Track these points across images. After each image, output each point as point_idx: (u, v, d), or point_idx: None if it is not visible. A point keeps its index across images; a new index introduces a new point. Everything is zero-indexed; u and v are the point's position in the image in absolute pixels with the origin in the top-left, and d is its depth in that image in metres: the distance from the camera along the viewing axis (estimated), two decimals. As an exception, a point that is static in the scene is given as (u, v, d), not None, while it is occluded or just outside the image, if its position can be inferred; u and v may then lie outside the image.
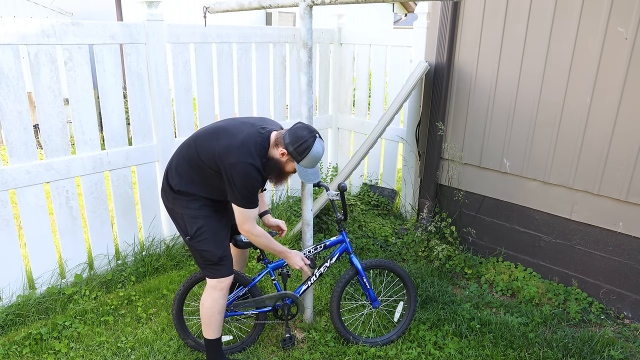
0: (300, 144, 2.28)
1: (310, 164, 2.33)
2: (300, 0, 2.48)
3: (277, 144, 2.33)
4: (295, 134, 2.29)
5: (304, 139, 2.28)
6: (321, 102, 4.80)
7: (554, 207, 3.43)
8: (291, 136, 2.29)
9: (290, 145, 2.28)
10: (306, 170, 2.36)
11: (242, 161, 2.23)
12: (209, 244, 2.45)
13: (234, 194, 2.29)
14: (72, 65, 3.07)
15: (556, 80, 3.23)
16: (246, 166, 2.23)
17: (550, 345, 2.85)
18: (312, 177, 2.40)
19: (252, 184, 2.27)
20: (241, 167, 2.23)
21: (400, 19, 21.54)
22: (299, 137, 2.28)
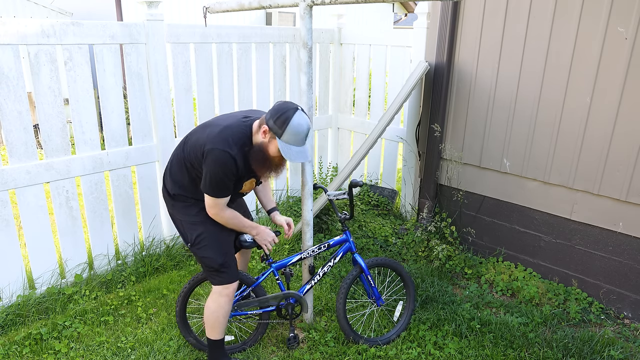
0: (279, 116, 2.17)
1: (293, 138, 2.19)
2: (300, 0, 2.48)
3: (260, 124, 2.24)
4: (275, 109, 2.21)
5: (282, 110, 2.18)
6: (321, 102, 4.80)
7: (554, 207, 3.43)
8: (271, 111, 2.21)
9: (270, 120, 2.18)
10: (289, 147, 2.20)
11: (218, 148, 2.16)
12: (209, 250, 2.42)
13: (204, 181, 2.23)
14: (72, 65, 3.07)
15: (556, 80, 3.23)
16: (220, 153, 2.16)
17: (550, 345, 2.85)
18: (296, 155, 2.22)
19: (225, 172, 2.19)
20: (216, 154, 2.16)
21: (400, 19, 21.54)
22: (278, 110, 2.18)
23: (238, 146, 2.20)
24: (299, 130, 2.18)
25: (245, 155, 2.24)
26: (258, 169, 2.29)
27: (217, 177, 2.20)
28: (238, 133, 2.23)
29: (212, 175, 2.20)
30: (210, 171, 2.19)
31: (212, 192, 2.25)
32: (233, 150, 2.18)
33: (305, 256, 2.81)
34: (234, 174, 2.23)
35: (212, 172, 2.19)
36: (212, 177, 2.20)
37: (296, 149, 2.22)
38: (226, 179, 2.22)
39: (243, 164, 2.24)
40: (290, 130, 2.17)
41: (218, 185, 2.23)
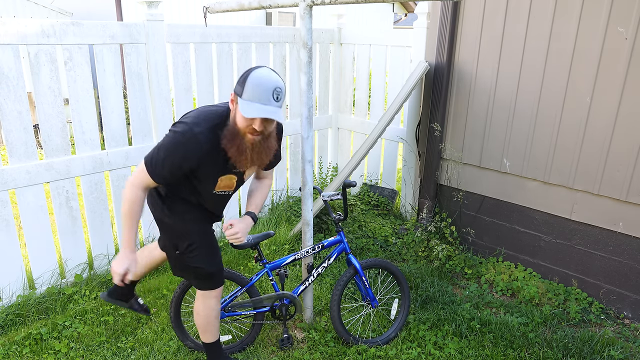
0: (241, 76, 1.88)
1: (254, 93, 1.80)
2: (300, 0, 2.48)
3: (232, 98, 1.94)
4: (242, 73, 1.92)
5: (246, 70, 1.89)
6: (321, 102, 4.80)
7: (554, 207, 3.43)
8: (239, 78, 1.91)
9: (237, 84, 1.89)
10: (250, 104, 1.81)
11: (182, 122, 1.90)
12: (201, 260, 2.23)
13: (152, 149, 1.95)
14: (72, 65, 3.07)
15: (556, 80, 3.23)
16: (183, 127, 1.87)
17: (550, 345, 2.85)
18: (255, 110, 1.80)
19: (178, 150, 1.86)
20: (177, 128, 1.89)
21: (400, 19, 21.54)
22: (243, 73, 1.90)
23: (208, 126, 1.87)
24: (260, 81, 1.79)
25: (217, 139, 1.90)
26: (229, 148, 1.91)
27: (166, 151, 1.87)
28: (212, 113, 1.92)
29: (162, 146, 1.88)
30: (164, 142, 1.89)
31: (148, 159, 1.91)
32: (198, 128, 1.83)
33: (300, 257, 2.81)
34: (190, 159, 1.87)
35: (165, 143, 1.88)
36: (161, 147, 1.88)
37: (259, 106, 1.80)
38: (176, 160, 1.87)
39: (210, 148, 1.89)
40: (250, 83, 1.80)
41: (160, 159, 1.88)
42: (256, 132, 1.87)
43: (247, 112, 1.79)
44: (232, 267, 3.66)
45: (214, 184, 2.03)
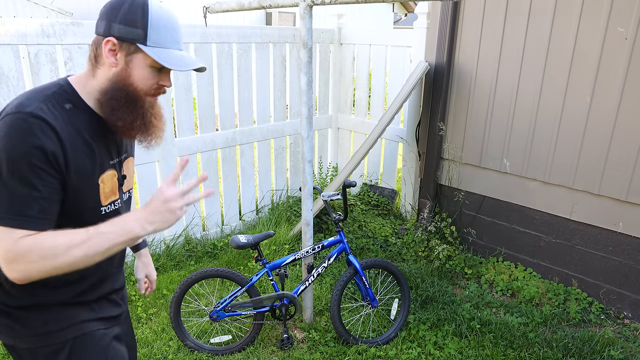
0: (124, 13, 1.20)
1: (166, 35, 1.24)
2: (300, 0, 2.48)
3: (96, 54, 1.24)
4: (106, 7, 1.23)
5: (123, 3, 1.21)
6: (321, 102, 4.80)
7: (554, 207, 3.43)
8: (105, 15, 1.23)
9: (113, 25, 1.21)
10: (167, 52, 1.25)
11: (14, 112, 1.13)
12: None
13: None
14: (72, 65, 3.07)
15: (556, 80, 3.23)
16: (17, 117, 1.12)
17: (550, 345, 2.85)
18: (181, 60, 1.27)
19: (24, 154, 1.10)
20: (7, 122, 1.12)
21: (400, 19, 21.54)
22: (115, 4, 1.22)
23: (49, 103, 1.18)
24: (168, 19, 1.25)
25: (71, 118, 1.20)
26: (126, 119, 1.25)
27: (8, 165, 1.10)
28: (44, 89, 1.22)
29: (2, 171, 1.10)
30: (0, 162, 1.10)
31: (2, 213, 1.11)
32: (30, 106, 1.14)
33: (300, 257, 2.82)
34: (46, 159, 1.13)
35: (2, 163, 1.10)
36: (3, 174, 1.10)
37: (180, 53, 1.28)
38: (29, 170, 1.11)
39: (65, 129, 1.18)
40: (156, 21, 1.22)
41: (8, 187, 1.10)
42: (161, 91, 1.32)
43: (174, 64, 1.24)
44: (232, 267, 3.66)
45: (96, 191, 1.28)
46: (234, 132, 4.02)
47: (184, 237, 3.85)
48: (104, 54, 1.22)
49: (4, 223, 1.10)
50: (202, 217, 4.02)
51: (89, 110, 1.26)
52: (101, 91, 1.25)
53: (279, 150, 4.46)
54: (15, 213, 1.10)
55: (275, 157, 4.46)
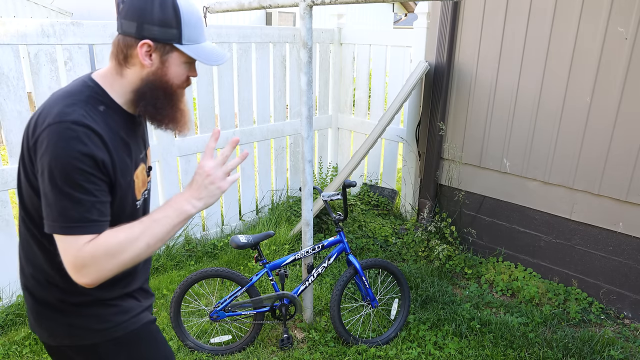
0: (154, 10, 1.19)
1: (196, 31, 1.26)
2: (300, 0, 2.48)
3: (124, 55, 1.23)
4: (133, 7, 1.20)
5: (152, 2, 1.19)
6: (321, 102, 4.80)
7: (554, 207, 3.43)
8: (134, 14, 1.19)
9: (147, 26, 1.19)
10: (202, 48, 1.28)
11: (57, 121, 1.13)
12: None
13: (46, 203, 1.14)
14: (72, 65, 3.07)
15: (556, 79, 3.23)
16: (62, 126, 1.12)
17: (550, 345, 2.85)
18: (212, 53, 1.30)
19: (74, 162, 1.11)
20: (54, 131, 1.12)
21: (400, 19, 21.54)
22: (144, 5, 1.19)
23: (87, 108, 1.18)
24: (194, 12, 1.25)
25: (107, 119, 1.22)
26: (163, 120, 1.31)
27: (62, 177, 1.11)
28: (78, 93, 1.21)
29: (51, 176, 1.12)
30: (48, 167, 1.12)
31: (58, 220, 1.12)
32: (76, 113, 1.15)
33: (300, 257, 2.82)
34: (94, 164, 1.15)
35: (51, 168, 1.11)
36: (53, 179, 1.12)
37: (211, 46, 1.30)
38: (81, 177, 1.13)
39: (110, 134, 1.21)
40: (187, 20, 1.23)
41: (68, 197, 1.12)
42: (190, 82, 1.36)
43: (209, 58, 1.28)
44: (232, 267, 3.66)
45: (133, 186, 1.31)
46: (233, 132, 4.02)
47: (184, 237, 3.86)
48: (140, 56, 1.22)
49: (70, 232, 1.12)
50: (202, 217, 4.02)
51: (120, 109, 1.27)
52: (135, 91, 1.26)
53: (279, 150, 4.46)
54: (79, 220, 1.13)
55: (275, 157, 4.46)
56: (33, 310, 1.32)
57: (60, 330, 1.30)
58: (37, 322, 1.32)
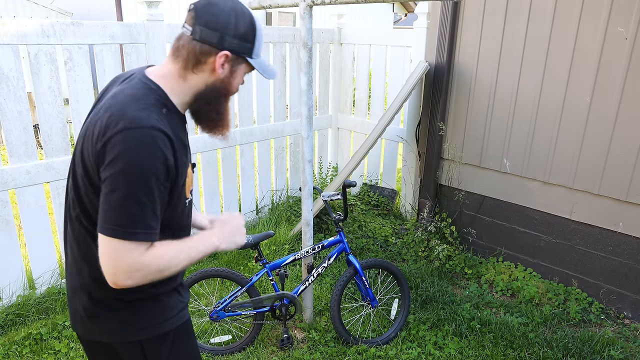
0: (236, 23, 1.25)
1: (261, 46, 1.33)
2: (300, 0, 2.48)
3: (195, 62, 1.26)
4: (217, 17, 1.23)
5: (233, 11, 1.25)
6: (321, 102, 4.80)
7: (554, 207, 3.43)
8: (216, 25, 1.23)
9: (228, 38, 1.24)
10: (264, 64, 1.37)
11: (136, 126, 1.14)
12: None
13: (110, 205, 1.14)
14: (72, 65, 3.07)
15: (556, 80, 3.23)
16: (143, 132, 1.14)
17: (550, 345, 2.85)
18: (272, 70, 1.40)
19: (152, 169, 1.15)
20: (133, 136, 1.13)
21: (400, 19, 21.54)
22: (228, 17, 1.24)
23: (156, 112, 1.20)
24: (262, 30, 1.33)
25: (170, 122, 1.24)
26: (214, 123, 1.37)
27: (137, 182, 1.13)
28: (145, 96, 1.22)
29: (123, 180, 1.13)
30: (121, 171, 1.13)
31: (124, 224, 1.14)
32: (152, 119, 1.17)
33: (300, 257, 2.82)
34: (167, 171, 1.19)
35: (124, 171, 1.13)
36: (126, 184, 1.13)
37: (265, 60, 1.38)
38: (155, 184, 1.16)
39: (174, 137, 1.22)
40: (259, 36, 1.31)
41: (139, 202, 1.14)
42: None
43: (269, 72, 1.37)
44: (232, 267, 3.66)
45: (184, 185, 1.33)
46: (233, 132, 4.02)
47: (184, 237, 3.85)
48: (216, 65, 1.26)
49: (133, 238, 1.14)
50: (202, 217, 4.02)
51: (176, 111, 1.29)
52: (197, 95, 1.30)
53: (279, 150, 4.46)
54: (143, 227, 1.16)
55: (275, 157, 4.46)
56: (86, 309, 1.34)
57: (112, 327, 1.33)
58: (89, 321, 1.35)
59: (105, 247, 1.15)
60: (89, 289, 1.32)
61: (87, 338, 1.39)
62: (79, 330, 1.40)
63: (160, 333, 1.38)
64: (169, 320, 1.39)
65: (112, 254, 1.15)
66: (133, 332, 1.35)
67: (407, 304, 3.01)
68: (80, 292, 1.35)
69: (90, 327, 1.36)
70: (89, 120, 1.24)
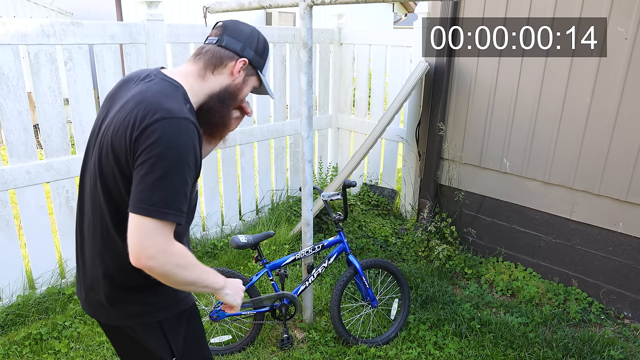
0: (257, 41, 1.49)
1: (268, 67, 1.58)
2: (300, 0, 2.48)
3: (217, 63, 1.42)
4: (242, 32, 1.46)
5: (256, 32, 1.49)
6: (321, 102, 4.80)
7: (554, 207, 3.43)
8: (240, 37, 1.45)
9: (248, 49, 1.45)
10: (268, 81, 1.58)
11: (173, 116, 1.24)
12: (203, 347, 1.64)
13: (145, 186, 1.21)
14: (72, 65, 3.07)
15: (556, 79, 3.23)
16: (180, 122, 1.25)
17: (550, 345, 2.85)
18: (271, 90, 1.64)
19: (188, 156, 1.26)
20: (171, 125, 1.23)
21: (400, 19, 21.53)
22: (251, 34, 1.48)
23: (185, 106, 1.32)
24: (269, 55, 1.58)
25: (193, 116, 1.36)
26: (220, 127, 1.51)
27: (175, 166, 1.23)
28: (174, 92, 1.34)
29: (162, 163, 1.21)
30: (160, 155, 1.21)
31: (159, 204, 1.21)
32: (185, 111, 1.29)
33: (300, 257, 2.82)
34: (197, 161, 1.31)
35: (163, 156, 1.21)
36: (165, 166, 1.21)
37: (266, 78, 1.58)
38: (188, 171, 1.27)
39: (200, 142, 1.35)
40: (268, 57, 1.55)
41: (174, 185, 1.23)
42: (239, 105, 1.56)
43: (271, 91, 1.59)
44: (232, 267, 3.66)
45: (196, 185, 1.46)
46: (233, 132, 4.01)
47: (184, 237, 3.85)
48: (235, 69, 1.44)
49: (166, 217, 1.22)
50: (202, 217, 4.02)
51: (193, 108, 1.39)
52: (212, 96, 1.44)
53: (279, 150, 4.46)
54: (177, 210, 1.24)
55: (275, 157, 4.46)
56: (108, 297, 1.41)
57: (135, 310, 1.43)
58: (111, 307, 1.42)
59: (136, 225, 1.21)
60: (114, 276, 1.39)
61: (109, 324, 1.48)
62: (101, 317, 1.48)
63: (177, 312, 1.49)
64: (183, 300, 1.50)
65: (142, 232, 1.21)
66: (154, 313, 1.44)
67: (407, 304, 3.01)
68: (102, 281, 1.40)
69: (113, 313, 1.44)
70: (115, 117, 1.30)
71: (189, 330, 1.54)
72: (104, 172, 1.32)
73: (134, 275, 1.31)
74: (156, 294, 1.44)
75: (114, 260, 1.38)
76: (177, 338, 1.50)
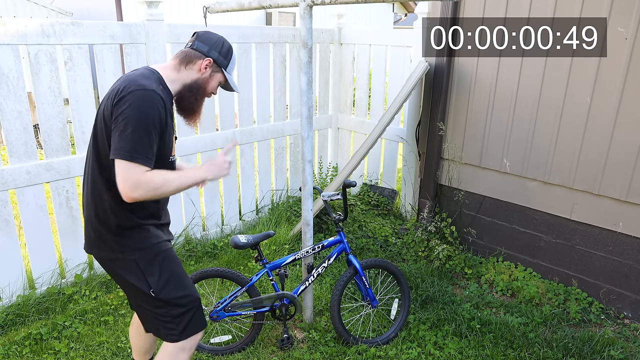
0: (222, 46, 1.95)
1: (232, 67, 2.03)
2: (300, 0, 2.48)
3: (188, 60, 1.90)
4: (210, 39, 1.94)
5: (221, 40, 1.96)
6: (321, 102, 4.80)
7: (554, 207, 3.43)
8: (207, 43, 1.93)
9: (213, 51, 1.92)
10: (231, 77, 2.02)
11: (141, 88, 1.70)
12: (182, 283, 1.95)
13: (117, 136, 1.66)
14: (72, 65, 3.07)
15: (556, 79, 3.23)
16: (145, 93, 1.70)
17: (550, 345, 2.85)
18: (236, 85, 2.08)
19: (151, 116, 1.69)
20: (139, 94, 1.69)
21: (400, 19, 21.53)
22: (217, 40, 1.95)
23: (157, 84, 1.79)
24: (235, 59, 2.05)
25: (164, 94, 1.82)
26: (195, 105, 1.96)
27: (140, 123, 1.67)
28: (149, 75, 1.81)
29: (132, 122, 1.66)
30: (130, 116, 1.66)
31: (131, 151, 1.66)
32: (153, 86, 1.74)
33: (300, 257, 2.81)
34: (160, 123, 1.74)
35: (132, 117, 1.66)
36: (133, 124, 1.66)
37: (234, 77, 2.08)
38: (152, 128, 1.70)
39: (166, 111, 1.78)
40: (233, 60, 2.01)
41: (141, 137, 1.67)
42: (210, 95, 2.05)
43: (235, 86, 2.04)
44: (232, 267, 3.66)
45: (171, 146, 1.91)
46: (233, 132, 4.02)
47: (184, 237, 3.85)
48: (201, 66, 1.92)
49: (137, 160, 1.66)
50: (202, 217, 4.02)
51: (169, 92, 1.87)
52: (185, 85, 1.91)
53: (279, 150, 4.46)
54: (144, 155, 1.68)
55: (275, 157, 4.46)
56: (95, 231, 1.87)
57: (115, 247, 1.86)
58: (98, 240, 1.87)
59: (118, 167, 1.67)
60: (99, 216, 1.84)
61: (100, 256, 1.91)
62: (94, 251, 1.91)
63: (151, 254, 1.89)
64: (155, 245, 1.90)
65: (122, 172, 1.66)
66: (130, 252, 1.86)
67: (407, 304, 3.01)
68: (92, 219, 1.86)
69: (100, 245, 1.88)
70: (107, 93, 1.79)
71: (163, 269, 1.90)
72: (97, 132, 1.79)
73: (112, 217, 1.82)
74: (130, 237, 1.86)
75: (99, 203, 1.83)
76: (152, 275, 1.88)
